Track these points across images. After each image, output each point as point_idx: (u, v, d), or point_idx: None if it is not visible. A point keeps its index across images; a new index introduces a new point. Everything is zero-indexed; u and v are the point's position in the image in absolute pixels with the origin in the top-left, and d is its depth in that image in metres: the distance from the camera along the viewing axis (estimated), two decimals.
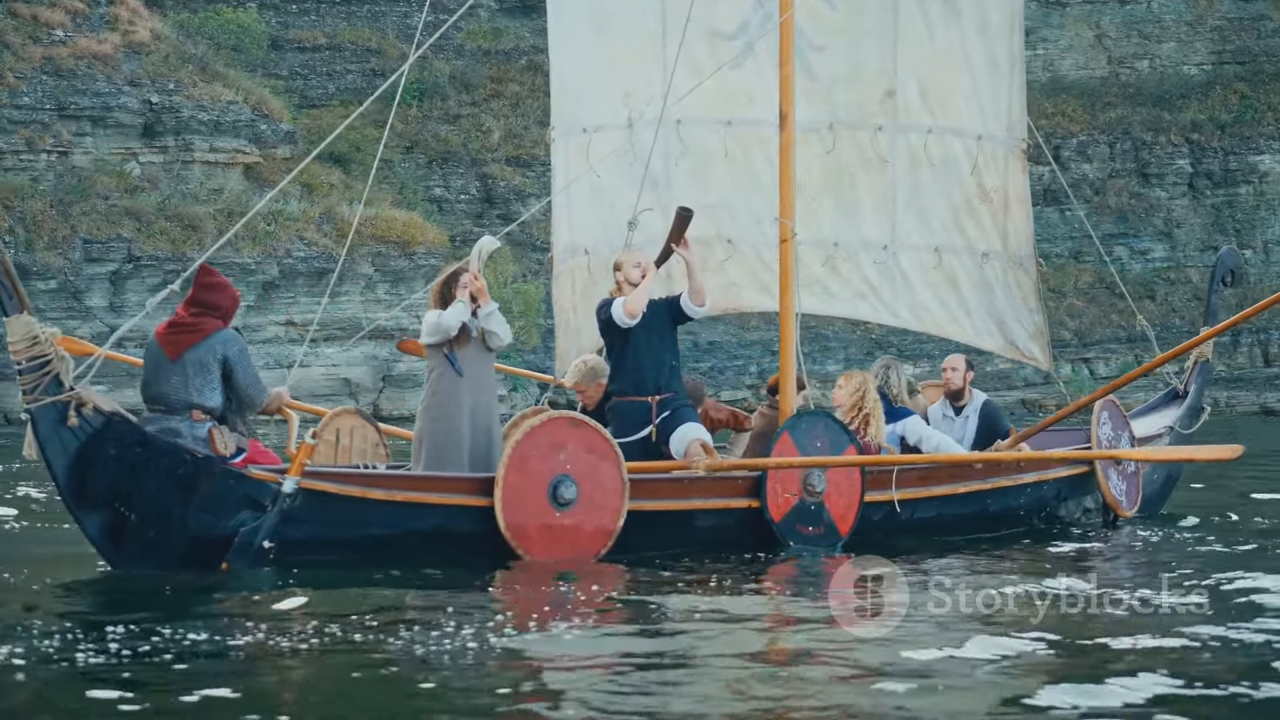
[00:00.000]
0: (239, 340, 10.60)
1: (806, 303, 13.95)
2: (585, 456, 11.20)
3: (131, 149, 38.86)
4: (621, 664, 7.96)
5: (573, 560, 11.11)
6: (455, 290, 11.52)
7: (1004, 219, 13.85)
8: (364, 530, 10.85)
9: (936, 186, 13.80)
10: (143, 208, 37.21)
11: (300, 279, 39.16)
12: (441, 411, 11.42)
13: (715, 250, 13.87)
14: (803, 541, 11.98)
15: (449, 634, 8.49)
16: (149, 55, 40.08)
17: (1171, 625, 8.93)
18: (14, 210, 36.03)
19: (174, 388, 10.42)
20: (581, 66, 13.80)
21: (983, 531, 12.94)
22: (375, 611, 9.32)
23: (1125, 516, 13.72)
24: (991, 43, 13.74)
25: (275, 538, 10.44)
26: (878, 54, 13.70)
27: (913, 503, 12.58)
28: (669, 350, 12.18)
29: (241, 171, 39.85)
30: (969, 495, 12.88)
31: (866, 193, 13.87)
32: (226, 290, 10.71)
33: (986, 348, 14.33)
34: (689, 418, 12.06)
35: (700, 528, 11.89)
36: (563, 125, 13.91)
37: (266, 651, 8.06)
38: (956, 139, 13.76)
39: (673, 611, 9.61)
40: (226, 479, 10.34)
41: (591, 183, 13.69)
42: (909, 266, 13.89)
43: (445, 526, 11.04)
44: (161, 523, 10.27)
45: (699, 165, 13.81)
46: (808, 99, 13.57)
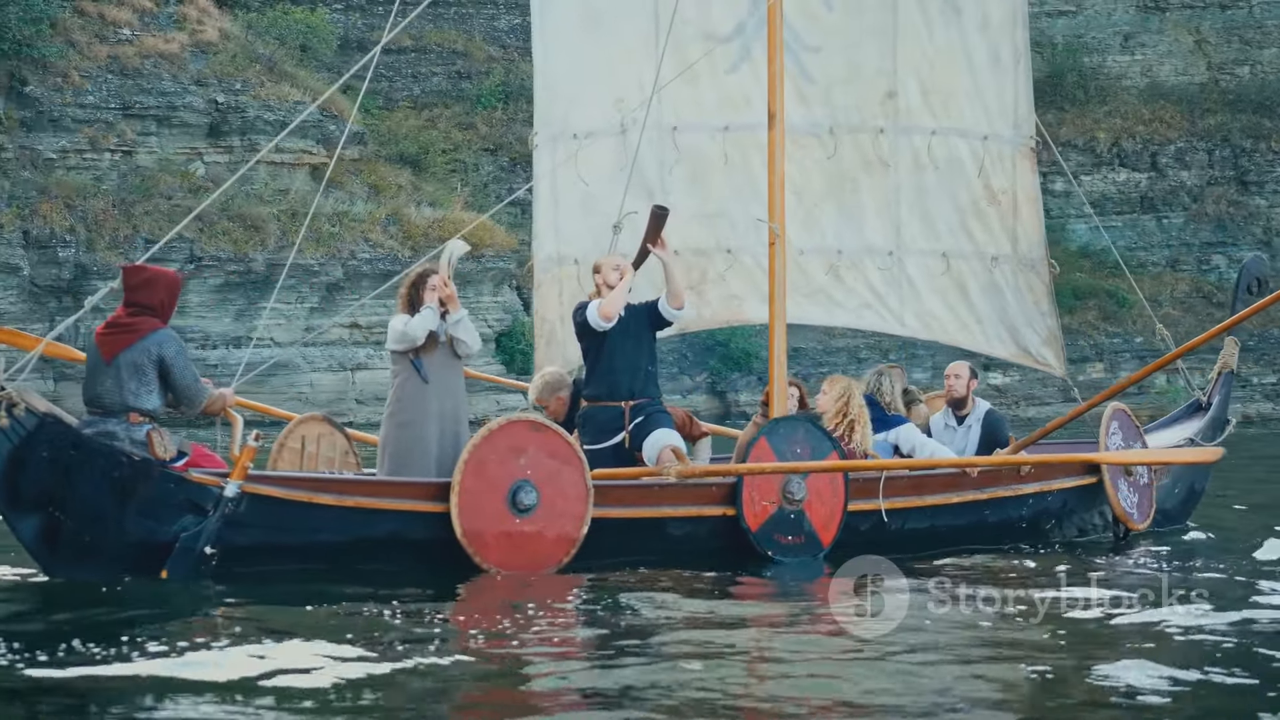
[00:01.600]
0: (175, 340, 10.40)
1: (811, 313, 13.90)
2: (547, 461, 11.01)
3: (196, 148, 39.09)
4: (584, 678, 7.83)
5: (534, 569, 10.93)
6: (424, 293, 11.36)
7: (1013, 221, 13.61)
8: (313, 537, 10.63)
9: (942, 189, 13.58)
10: (205, 208, 37.32)
11: (365, 281, 39.20)
12: (406, 418, 11.30)
13: (715, 261, 13.70)
14: (782, 552, 11.72)
15: (400, 648, 8.32)
16: (216, 55, 40.30)
17: (1166, 638, 8.84)
18: (75, 209, 36.28)
19: (109, 390, 10.28)
20: (571, 69, 13.57)
21: (981, 544, 12.60)
22: (321, 623, 9.15)
23: (1136, 530, 13.30)
24: (994, 39, 13.55)
25: (217, 544, 10.25)
26: (877, 54, 13.50)
27: (902, 512, 12.30)
28: (645, 355, 12.02)
29: (308, 172, 39.97)
30: (964, 506, 12.61)
31: (869, 197, 13.65)
32: (158, 285, 10.47)
33: (998, 355, 14.10)
34: (663, 423, 11.87)
35: (672, 536, 11.65)
36: (549, 129, 13.64)
37: (202, 665, 7.84)
38: (961, 140, 13.55)
39: (641, 623, 9.48)
40: (166, 482, 10.18)
41: (581, 190, 13.47)
42: (915, 273, 13.67)
43: (399, 533, 10.82)
44: (97, 527, 10.10)
45: (696, 173, 13.61)
46: (805, 102, 13.45)
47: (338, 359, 38.96)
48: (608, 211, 13.13)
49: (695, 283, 13.56)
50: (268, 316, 37.19)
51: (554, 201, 13.64)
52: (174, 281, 10.67)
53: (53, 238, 35.68)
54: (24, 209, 35.64)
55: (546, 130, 13.66)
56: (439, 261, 11.59)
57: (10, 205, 35.31)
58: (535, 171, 13.85)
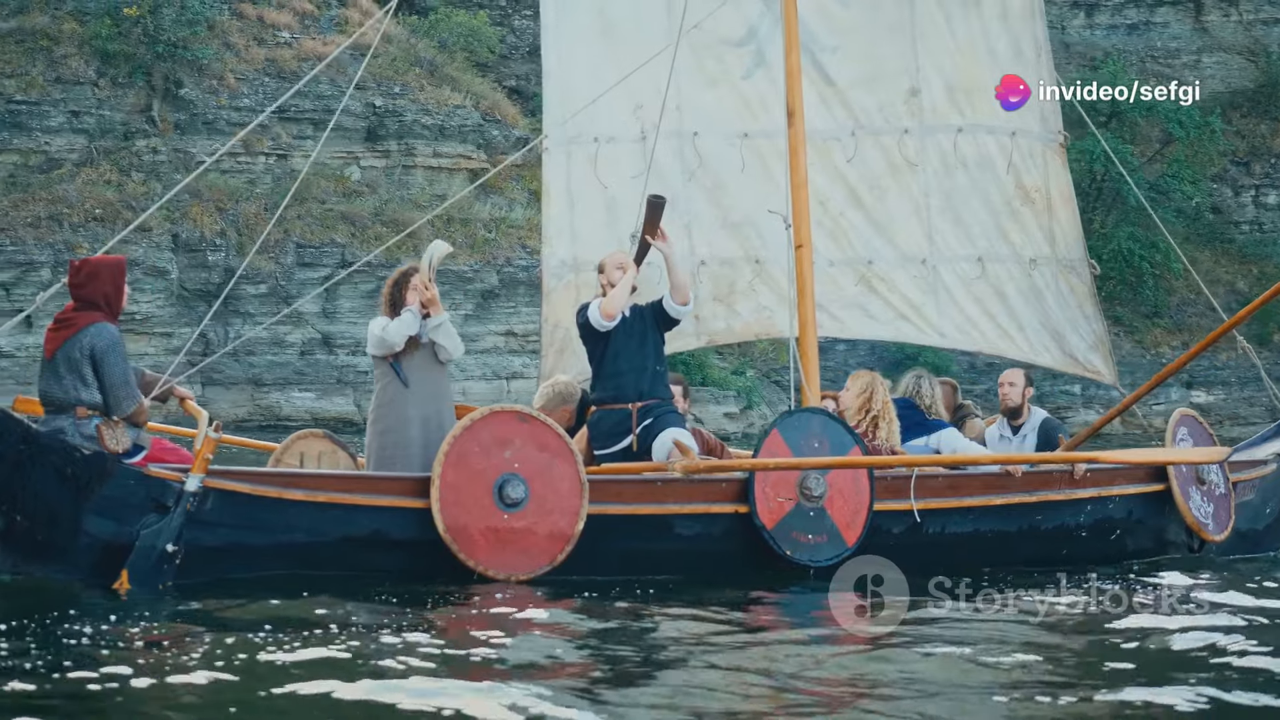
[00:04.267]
0: (110, 334, 10.20)
1: (846, 326, 13.70)
2: (535, 454, 10.78)
3: (353, 152, 39.86)
4: (578, 687, 7.67)
5: (525, 568, 10.70)
6: (405, 293, 11.26)
7: (1049, 220, 13.44)
8: (286, 536, 10.45)
9: (973, 189, 13.43)
10: (358, 212, 38.14)
11: (521, 288, 39.64)
12: (387, 424, 11.19)
13: (743, 272, 13.62)
14: (801, 551, 11.31)
15: (380, 653, 8.15)
16: (376, 58, 41.10)
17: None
18: (227, 213, 37.25)
19: (51, 386, 10.19)
20: (589, 74, 13.55)
21: (1034, 553, 12.07)
22: (293, 628, 8.86)
23: (1213, 541, 12.82)
24: (1015, 31, 13.39)
25: (180, 542, 10.02)
26: (896, 51, 13.40)
27: (940, 515, 11.83)
28: (652, 355, 11.83)
29: (466, 177, 40.52)
30: (1010, 509, 12.11)
31: (898, 203, 13.50)
32: (102, 277, 10.34)
33: (1043, 363, 13.69)
34: (672, 423, 11.68)
35: (680, 534, 11.32)
36: (565, 133, 13.64)
37: (162, 671, 7.63)
38: (989, 136, 13.41)
39: (639, 626, 9.39)
40: (124, 478, 9.98)
41: (601, 196, 13.47)
42: (951, 280, 13.47)
43: (378, 531, 10.65)
44: (51, 525, 9.89)
45: (718, 180, 13.58)
46: (826, 105, 13.38)
47: (492, 367, 39.41)
48: (627, 218, 13.09)
49: (724, 294, 13.52)
50: None
51: (569, 206, 13.61)
52: (117, 270, 10.47)
53: (202, 241, 36.63)
54: (174, 212, 36.64)
55: (559, 133, 13.64)
56: (420, 262, 11.40)
57: (160, 208, 36.43)
58: (545, 175, 13.79)
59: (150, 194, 36.60)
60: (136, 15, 37.74)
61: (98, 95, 38.15)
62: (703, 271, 13.58)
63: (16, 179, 36.89)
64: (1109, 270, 49.31)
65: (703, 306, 13.58)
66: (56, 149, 37.44)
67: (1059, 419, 15.25)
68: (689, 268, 13.41)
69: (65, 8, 38.94)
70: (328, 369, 37.54)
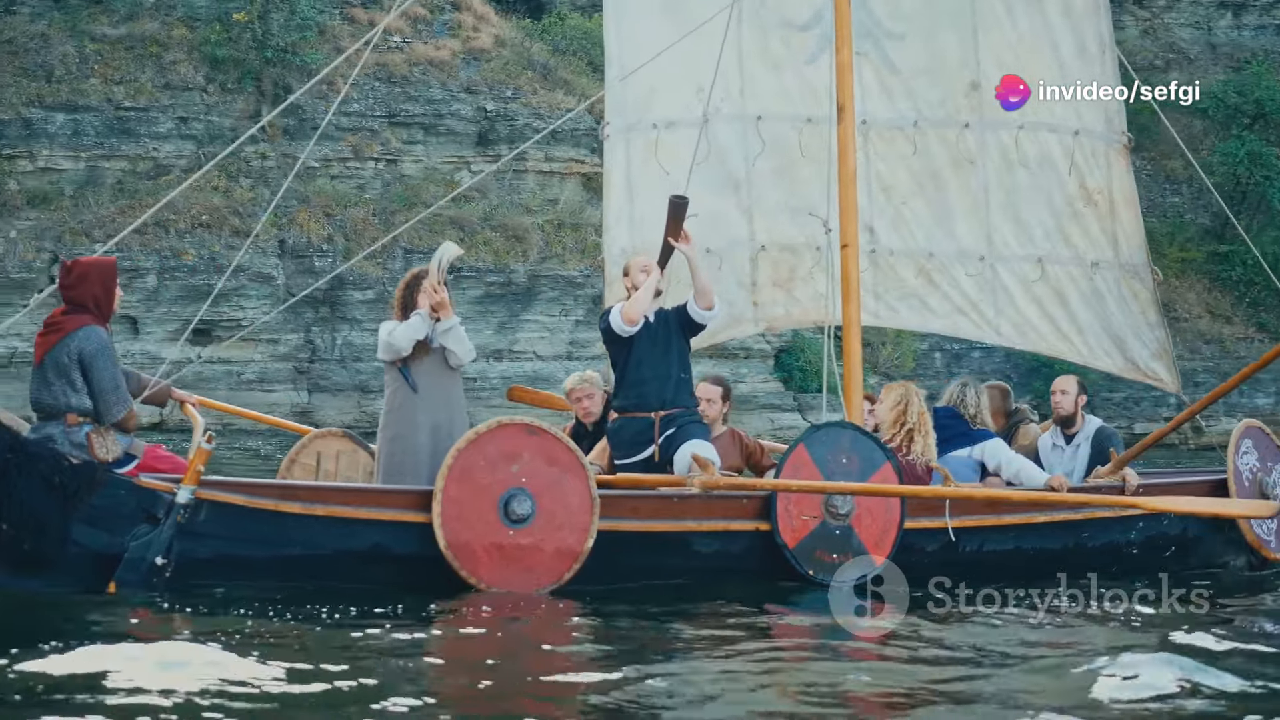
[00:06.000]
0: (98, 337, 10.02)
1: (904, 317, 13.55)
2: (544, 469, 10.50)
3: (464, 157, 39.84)
4: (580, 709, 7.46)
5: (531, 586, 10.42)
6: (417, 296, 11.05)
7: (1112, 223, 13.08)
8: (282, 550, 10.24)
9: (1034, 189, 13.11)
10: (467, 217, 38.08)
11: None
12: (397, 431, 10.99)
13: (804, 258, 13.44)
14: (825, 572, 10.97)
15: (376, 674, 7.97)
16: (489, 62, 41.05)
17: None
18: (335, 218, 37.36)
19: (41, 392, 10.04)
20: (651, 56, 13.23)
21: (1084, 573, 11.16)
22: (286, 647, 8.63)
23: (1276, 559, 12.40)
24: (1079, 26, 13.04)
25: (171, 555, 9.89)
26: (958, 43, 13.08)
27: (978, 533, 11.49)
28: (676, 362, 11.52)
29: (579, 181, 40.37)
30: (1056, 527, 11.73)
31: (958, 198, 13.23)
32: (91, 279, 10.15)
33: (1102, 368, 13.38)
34: (695, 434, 11.36)
35: (697, 553, 11.02)
36: (625, 119, 13.49)
37: (149, 691, 7.40)
38: (1051, 135, 13.06)
39: (643, 647, 9.08)
40: (115, 488, 9.88)
41: (663, 183, 13.14)
42: (1009, 280, 13.21)
43: (378, 546, 10.40)
44: (39, 535, 9.72)
45: (782, 165, 13.36)
46: (889, 95, 13.17)
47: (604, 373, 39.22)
48: (693, 205, 12.78)
49: (784, 280, 13.39)
50: (530, 329, 37.66)
51: (628, 194, 13.44)
52: (107, 271, 10.28)
53: (309, 247, 36.75)
54: (281, 218, 36.80)
55: (620, 119, 13.49)
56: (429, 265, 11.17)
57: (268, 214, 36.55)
58: (606, 163, 13.63)
59: (258, 200, 36.77)
60: (246, 20, 37.95)
61: (206, 101, 38.38)
62: (762, 257, 13.47)
63: (124, 185, 37.17)
64: (1253, 275, 48.23)
65: (761, 292, 13.50)
66: (165, 155, 37.69)
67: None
68: (749, 253, 13.36)
69: (175, 14, 39.23)
70: None
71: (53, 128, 37.17)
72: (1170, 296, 47.43)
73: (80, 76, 37.81)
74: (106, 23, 38.52)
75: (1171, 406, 43.52)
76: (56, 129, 37.21)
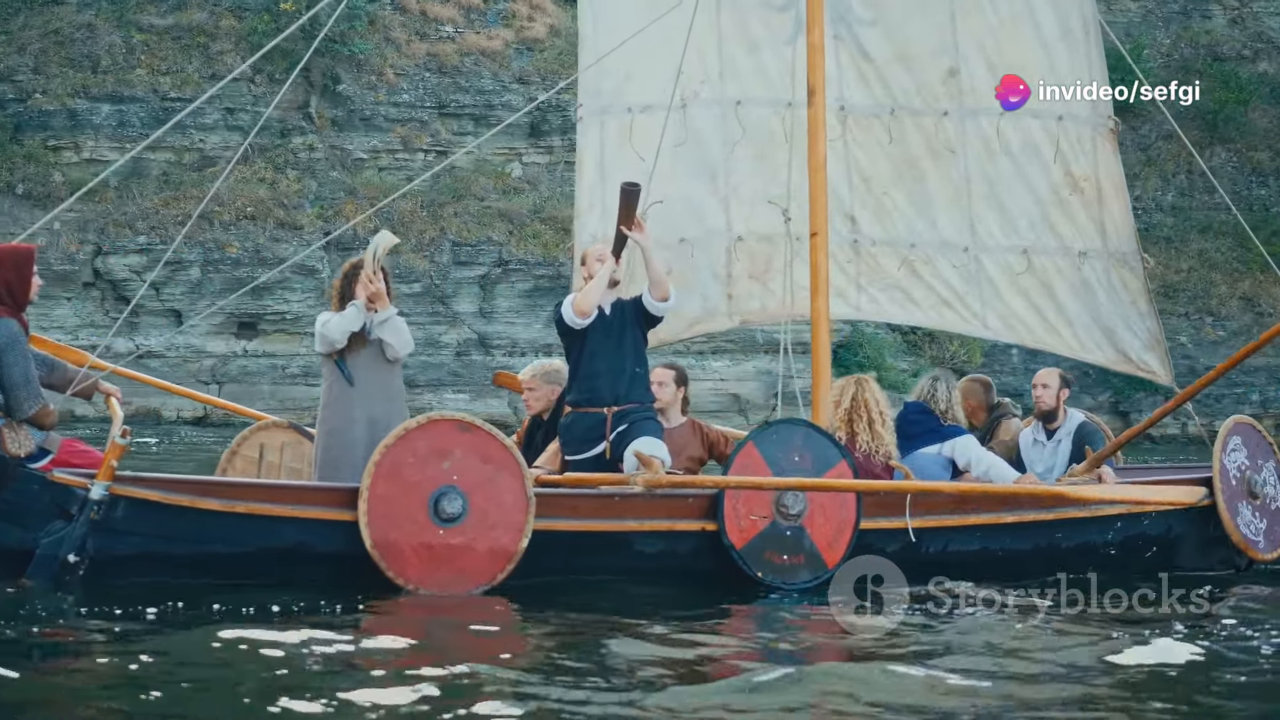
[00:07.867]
0: (8, 329, 9.67)
1: (886, 310, 13.13)
2: (477, 466, 10.21)
3: (515, 149, 39.56)
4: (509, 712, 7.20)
5: (461, 587, 10.14)
6: (355, 287, 10.82)
7: (1099, 211, 12.71)
8: (201, 547, 10.01)
9: (1017, 178, 12.72)
10: (516, 210, 37.81)
11: None
12: (333, 425, 10.78)
13: (781, 249, 13.00)
14: (776, 574, 10.66)
15: (295, 678, 7.73)
16: (542, 52, 40.75)
17: None
18: (382, 210, 37.18)
19: None
20: (626, 37, 12.82)
21: (1056, 574, 10.66)
22: (201, 648, 8.39)
23: (1263, 560, 11.96)
24: (1062, 8, 12.67)
25: (85, 552, 9.69)
26: (935, 27, 12.70)
27: (942, 534, 11.10)
28: (631, 355, 11.16)
29: None
30: (1025, 527, 11.31)
31: (938, 188, 12.83)
32: (3, 265, 9.72)
33: (1093, 360, 12.98)
34: (647, 431, 11.01)
35: (640, 553, 10.71)
36: (599, 101, 13.07)
37: (55, 687, 7.41)
38: (1034, 120, 12.67)
39: (579, 648, 8.78)
40: (25, 483, 9.68)
41: (637, 168, 12.71)
42: (994, 271, 12.81)
43: (302, 543, 10.14)
44: None
45: (761, 151, 12.93)
46: (865, 81, 12.81)
47: None
48: (666, 192, 12.55)
49: (759, 272, 12.99)
50: None
51: (601, 179, 13.00)
52: (22, 257, 9.89)
53: (355, 239, 36.61)
54: (327, 209, 36.64)
55: (594, 102, 13.09)
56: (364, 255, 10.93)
57: (314, 205, 36.38)
58: (579, 146, 13.25)
59: (304, 191, 36.63)
60: (294, 10, 37.77)
61: (254, 92, 38.25)
62: (740, 248, 13.10)
63: (170, 177, 37.11)
64: None
65: (737, 284, 13.12)
66: (211, 146, 37.61)
67: None
68: (725, 243, 13.03)
69: (224, 4, 39.17)
70: (483, 371, 37.15)
71: (98, 119, 37.16)
72: (1256, 291, 46.66)
73: (126, 67, 37.79)
74: (154, 13, 38.54)
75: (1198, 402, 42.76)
76: (102, 120, 37.19)
